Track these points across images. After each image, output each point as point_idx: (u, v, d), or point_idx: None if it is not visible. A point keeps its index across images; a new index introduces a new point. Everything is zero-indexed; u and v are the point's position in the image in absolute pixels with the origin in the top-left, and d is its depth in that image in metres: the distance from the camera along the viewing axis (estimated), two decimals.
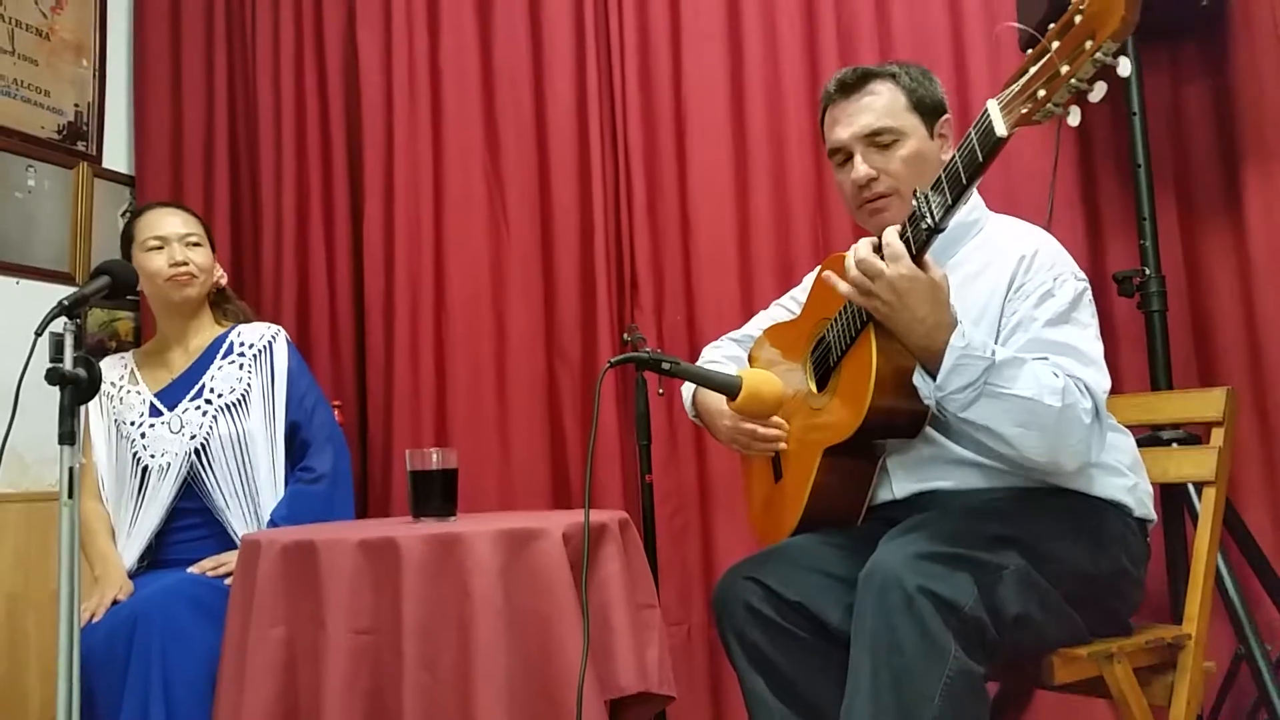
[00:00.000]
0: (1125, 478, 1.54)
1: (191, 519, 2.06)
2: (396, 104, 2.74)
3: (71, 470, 1.35)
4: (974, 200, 1.63)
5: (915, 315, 1.35)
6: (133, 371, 2.20)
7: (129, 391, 2.17)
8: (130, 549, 2.03)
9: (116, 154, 2.99)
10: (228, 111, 2.94)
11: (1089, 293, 1.51)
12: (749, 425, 1.66)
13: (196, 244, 2.18)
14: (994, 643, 1.33)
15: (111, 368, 2.21)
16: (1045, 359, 1.41)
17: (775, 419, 1.65)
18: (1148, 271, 2.02)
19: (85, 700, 1.75)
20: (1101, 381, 1.43)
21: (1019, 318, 1.47)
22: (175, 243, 2.15)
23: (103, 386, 2.11)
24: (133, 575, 2.00)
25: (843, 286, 1.42)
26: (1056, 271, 1.49)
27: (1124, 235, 2.21)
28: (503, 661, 1.42)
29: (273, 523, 2.03)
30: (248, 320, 2.28)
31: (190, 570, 1.96)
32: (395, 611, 1.45)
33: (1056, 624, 1.44)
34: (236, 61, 2.96)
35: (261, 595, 1.51)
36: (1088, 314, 1.49)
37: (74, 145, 2.86)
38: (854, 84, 1.62)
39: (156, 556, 2.07)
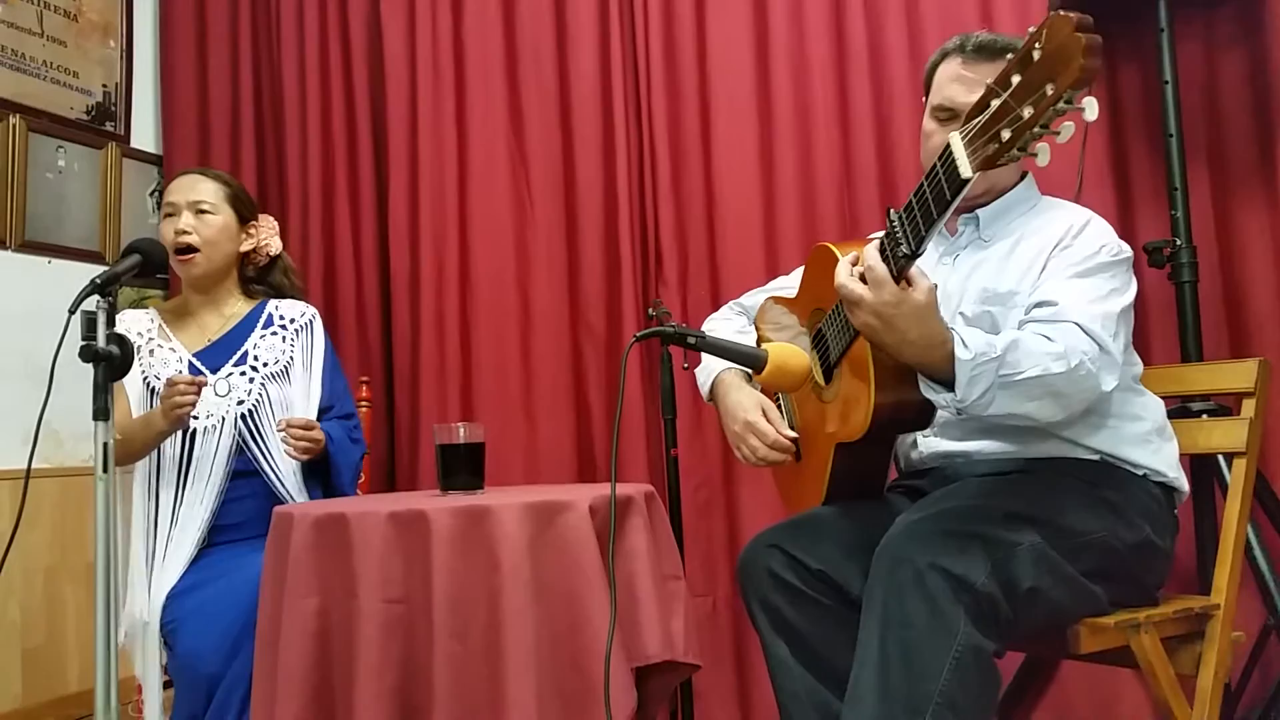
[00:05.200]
0: (1150, 442, 1.54)
1: (239, 480, 2.03)
2: (420, 79, 2.74)
3: (106, 445, 1.38)
4: (1028, 180, 1.67)
5: (904, 338, 1.32)
6: (161, 327, 2.13)
7: (160, 346, 2.10)
8: (194, 515, 1.98)
9: (144, 133, 3.02)
10: (253, 89, 2.96)
11: (1130, 264, 1.53)
12: (754, 440, 1.66)
13: (206, 211, 2.10)
14: (1007, 619, 1.33)
15: (136, 320, 2.14)
16: (1053, 304, 1.44)
17: (782, 440, 1.64)
18: (1179, 242, 2.00)
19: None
20: (1093, 311, 1.43)
21: (1056, 265, 1.51)
22: (184, 209, 2.09)
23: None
24: (197, 555, 1.97)
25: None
26: (1103, 241, 1.53)
27: (1155, 206, 2.18)
28: (531, 631, 1.44)
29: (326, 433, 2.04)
30: (280, 296, 2.24)
31: (279, 422, 1.99)
32: (425, 582, 1.46)
33: (1072, 598, 1.44)
34: (261, 40, 2.97)
35: (295, 566, 1.53)
36: (1121, 280, 1.51)
37: (102, 125, 2.89)
38: (995, 51, 1.55)
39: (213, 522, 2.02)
